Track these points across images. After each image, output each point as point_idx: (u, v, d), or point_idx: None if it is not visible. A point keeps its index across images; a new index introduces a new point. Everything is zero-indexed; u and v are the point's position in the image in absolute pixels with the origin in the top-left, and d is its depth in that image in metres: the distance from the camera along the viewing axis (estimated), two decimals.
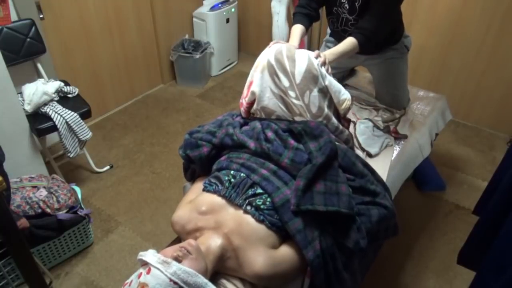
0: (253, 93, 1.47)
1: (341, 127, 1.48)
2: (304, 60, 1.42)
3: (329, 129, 1.41)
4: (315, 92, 1.41)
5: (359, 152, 1.69)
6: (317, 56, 1.47)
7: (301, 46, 1.67)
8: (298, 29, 1.74)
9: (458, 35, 2.71)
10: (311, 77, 1.40)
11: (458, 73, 2.84)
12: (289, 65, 1.41)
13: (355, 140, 1.74)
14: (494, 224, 1.31)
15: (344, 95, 1.46)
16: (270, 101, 1.45)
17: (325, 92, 1.43)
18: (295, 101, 1.42)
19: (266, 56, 1.45)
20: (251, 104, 1.50)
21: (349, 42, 1.62)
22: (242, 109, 1.54)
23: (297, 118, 1.44)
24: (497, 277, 1.15)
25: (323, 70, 1.44)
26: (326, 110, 1.43)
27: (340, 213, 1.14)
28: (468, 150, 2.75)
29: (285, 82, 1.42)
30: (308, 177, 1.16)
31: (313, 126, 1.32)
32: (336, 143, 1.33)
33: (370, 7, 1.65)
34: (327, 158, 1.21)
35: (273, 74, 1.43)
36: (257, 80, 1.45)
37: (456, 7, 2.64)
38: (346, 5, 1.72)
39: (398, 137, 1.85)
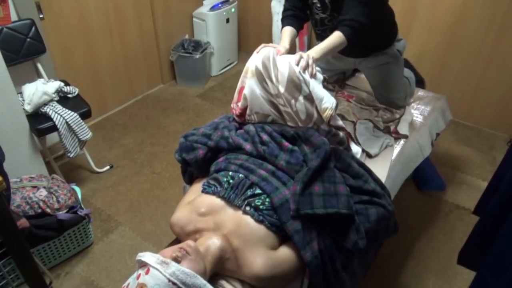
0: (245, 98, 1.44)
1: (333, 130, 1.44)
2: (285, 68, 1.35)
3: (321, 133, 1.39)
4: (300, 99, 1.36)
5: (359, 152, 1.68)
6: (299, 61, 1.37)
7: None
8: (287, 30, 1.66)
9: (458, 35, 2.71)
10: (294, 86, 1.35)
11: (458, 73, 2.84)
12: (274, 74, 1.36)
13: (355, 141, 1.74)
14: (494, 224, 1.31)
15: (326, 103, 1.36)
16: (262, 106, 1.43)
17: (310, 98, 1.37)
18: (283, 108, 1.40)
19: (254, 62, 1.41)
20: (244, 109, 1.48)
21: (334, 35, 1.52)
22: (235, 113, 1.52)
23: (290, 123, 1.43)
24: (497, 277, 1.15)
25: (306, 75, 1.36)
26: (315, 115, 1.38)
27: (339, 214, 1.14)
28: (468, 150, 2.74)
29: (273, 90, 1.38)
30: (304, 181, 1.16)
31: (305, 128, 1.32)
32: (331, 145, 1.33)
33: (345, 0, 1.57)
34: (322, 161, 1.22)
35: (262, 81, 1.40)
36: (248, 86, 1.43)
37: (456, 7, 2.63)
38: (318, 4, 1.68)
39: (398, 137, 1.85)
